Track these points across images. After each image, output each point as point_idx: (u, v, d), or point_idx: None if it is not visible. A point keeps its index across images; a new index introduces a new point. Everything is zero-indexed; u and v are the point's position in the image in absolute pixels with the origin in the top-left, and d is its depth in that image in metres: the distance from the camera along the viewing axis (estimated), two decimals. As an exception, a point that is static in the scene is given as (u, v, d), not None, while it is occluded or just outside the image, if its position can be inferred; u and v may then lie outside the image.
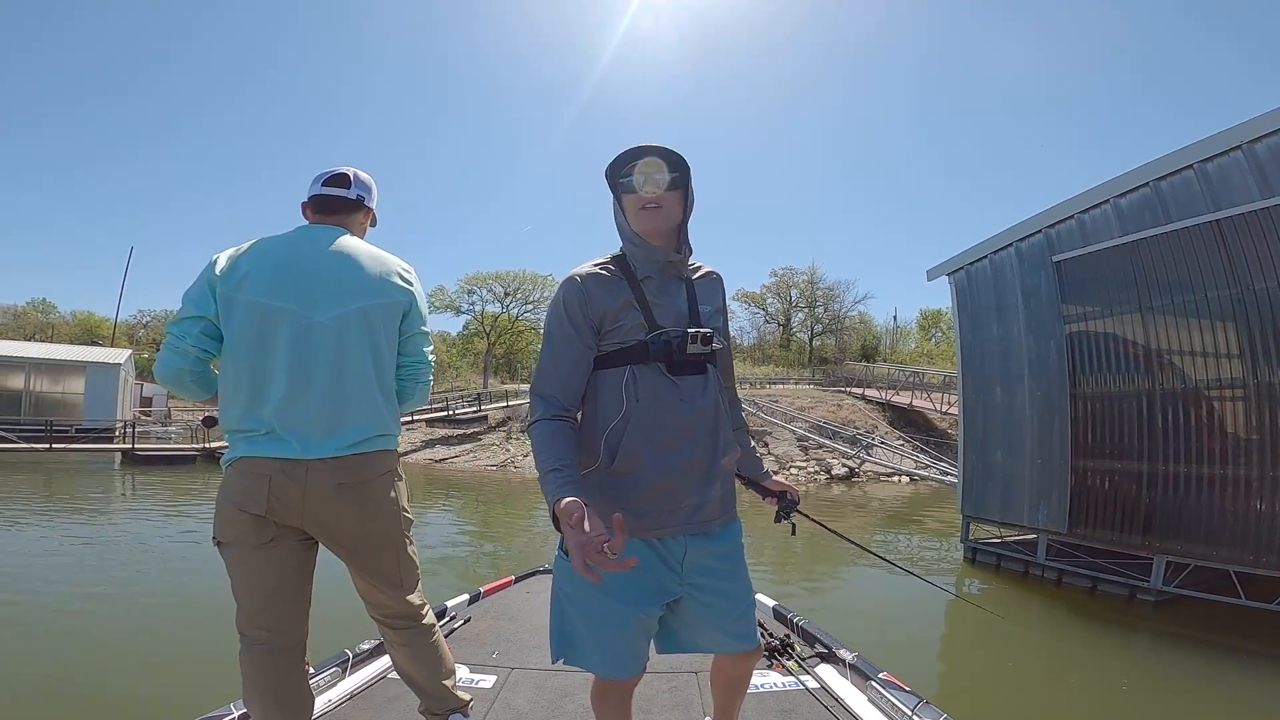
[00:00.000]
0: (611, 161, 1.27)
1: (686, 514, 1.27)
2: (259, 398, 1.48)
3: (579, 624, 1.29)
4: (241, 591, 1.50)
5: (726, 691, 1.55)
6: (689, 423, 1.26)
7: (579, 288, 1.24)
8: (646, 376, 1.24)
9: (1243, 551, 5.51)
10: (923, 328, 41.33)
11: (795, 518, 1.56)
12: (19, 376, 20.82)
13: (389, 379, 1.62)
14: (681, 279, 1.33)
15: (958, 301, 8.68)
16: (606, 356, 1.26)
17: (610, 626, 1.26)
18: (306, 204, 1.69)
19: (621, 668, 1.29)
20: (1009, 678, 4.94)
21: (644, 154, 1.24)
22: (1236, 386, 5.73)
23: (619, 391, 1.24)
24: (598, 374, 1.27)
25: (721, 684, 1.55)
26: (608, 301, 1.24)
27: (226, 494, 1.48)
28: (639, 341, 1.24)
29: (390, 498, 1.60)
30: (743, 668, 1.47)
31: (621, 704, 1.38)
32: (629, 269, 1.28)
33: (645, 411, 1.23)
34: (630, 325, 1.24)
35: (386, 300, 1.59)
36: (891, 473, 17.17)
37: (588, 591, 1.23)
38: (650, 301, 1.26)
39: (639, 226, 1.27)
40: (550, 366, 1.25)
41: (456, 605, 3.03)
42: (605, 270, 1.27)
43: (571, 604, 1.30)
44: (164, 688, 3.90)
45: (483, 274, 38.91)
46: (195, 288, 1.52)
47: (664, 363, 1.24)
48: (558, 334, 1.25)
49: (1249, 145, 5.37)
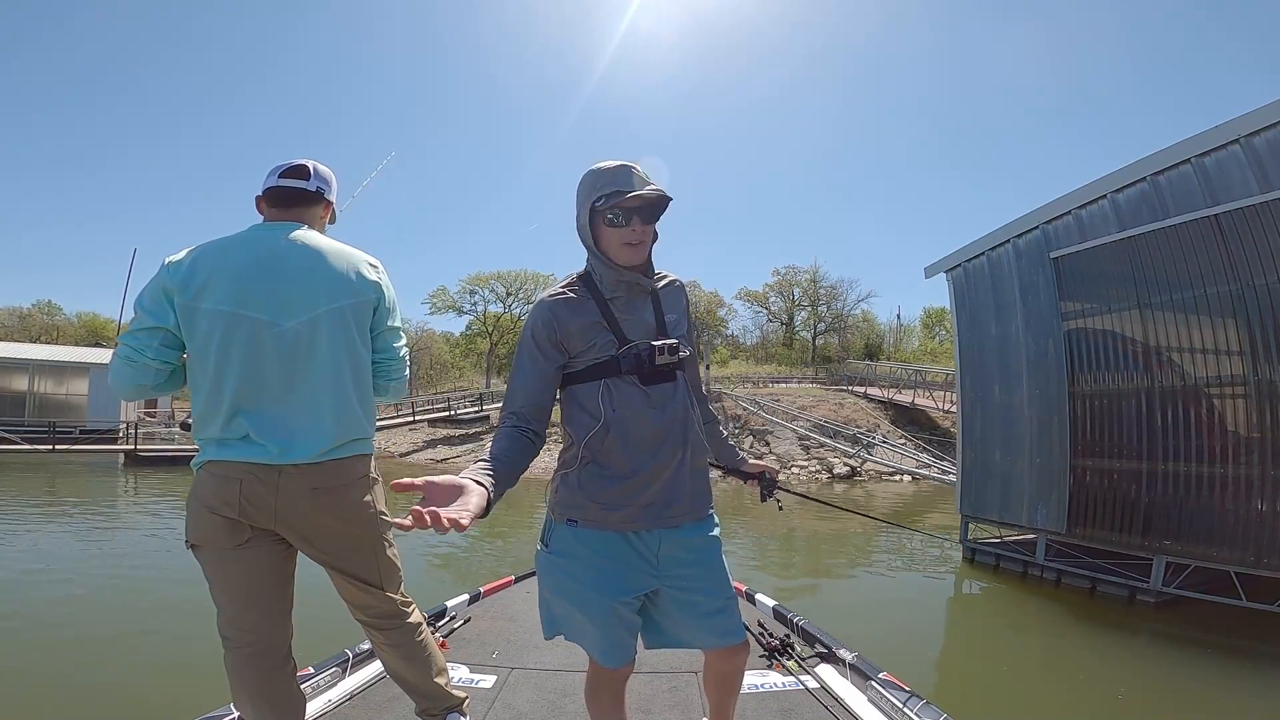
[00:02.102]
0: (594, 180, 1.29)
1: (658, 509, 1.34)
2: (230, 405, 1.44)
3: (562, 612, 1.39)
4: (220, 595, 1.48)
5: (719, 690, 1.57)
6: (660, 428, 1.33)
7: (547, 314, 1.32)
8: (620, 388, 1.32)
9: (1244, 552, 5.42)
10: (926, 326, 41.13)
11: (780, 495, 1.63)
12: (23, 378, 20.99)
13: (364, 380, 1.59)
14: (646, 293, 1.39)
15: (956, 299, 8.60)
16: (581, 373, 1.33)
17: (589, 614, 1.34)
18: (262, 197, 1.63)
19: (605, 655, 1.37)
20: (1009, 678, 4.90)
21: (635, 189, 1.26)
22: (1237, 384, 5.64)
23: (596, 403, 1.31)
24: (575, 389, 1.35)
25: (713, 682, 1.57)
26: (575, 324, 1.32)
27: (198, 496, 1.46)
28: (610, 357, 1.32)
29: (366, 501, 1.58)
30: (730, 664, 1.49)
31: (614, 700, 1.44)
32: (596, 288, 1.35)
33: (620, 420, 1.31)
34: (601, 343, 1.32)
35: (357, 299, 1.56)
36: (893, 472, 17.08)
37: (567, 582, 1.35)
38: (619, 318, 1.34)
39: (623, 259, 1.32)
40: (519, 386, 1.33)
41: (456, 605, 3.05)
42: (573, 293, 1.35)
43: (553, 593, 1.39)
44: (164, 688, 3.92)
45: (484, 274, 39.03)
46: (149, 296, 1.45)
47: (636, 375, 1.31)
48: (526, 356, 1.34)
49: (1247, 139, 5.29)
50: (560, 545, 1.37)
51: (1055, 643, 5.64)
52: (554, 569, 1.37)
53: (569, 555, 1.35)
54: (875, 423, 20.65)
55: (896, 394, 22.64)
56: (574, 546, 1.35)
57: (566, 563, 1.35)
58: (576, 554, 1.35)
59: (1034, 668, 5.10)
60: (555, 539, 1.38)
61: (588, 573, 1.32)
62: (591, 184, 1.30)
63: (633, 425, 1.31)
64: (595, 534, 1.34)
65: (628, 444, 1.31)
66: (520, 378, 1.33)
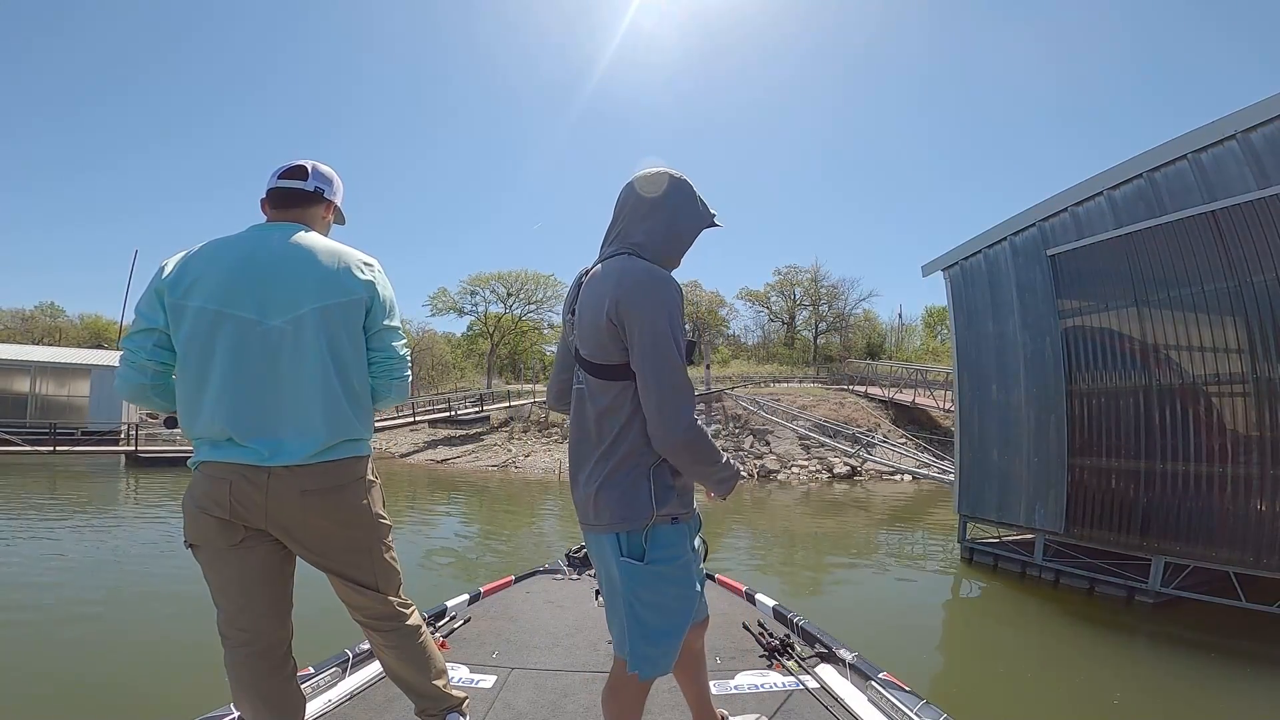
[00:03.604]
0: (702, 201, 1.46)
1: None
2: (216, 405, 1.44)
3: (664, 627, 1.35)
4: (218, 594, 1.49)
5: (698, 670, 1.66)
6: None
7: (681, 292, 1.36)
8: None
9: (1243, 552, 5.35)
10: (928, 325, 41.00)
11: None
12: (24, 379, 21.04)
13: (355, 380, 1.56)
14: None
15: (953, 298, 8.53)
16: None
17: (689, 617, 1.38)
18: (264, 199, 1.64)
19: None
20: (1008, 677, 4.86)
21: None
22: (1236, 382, 5.57)
23: None
24: None
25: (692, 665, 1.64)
26: None
27: (191, 496, 1.47)
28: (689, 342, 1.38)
29: (363, 505, 1.56)
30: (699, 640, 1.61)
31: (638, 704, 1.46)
32: None
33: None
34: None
35: (346, 298, 1.53)
36: (893, 471, 17.01)
37: (684, 590, 1.36)
38: None
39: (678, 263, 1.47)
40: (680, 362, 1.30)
41: (456, 605, 3.06)
42: None
43: (647, 609, 1.33)
44: (165, 688, 3.92)
45: (485, 274, 39.04)
46: (144, 299, 1.48)
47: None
48: (679, 325, 1.30)
49: (1244, 134, 5.22)
50: (670, 549, 1.32)
51: (1053, 644, 5.59)
52: (673, 578, 1.33)
53: (681, 558, 1.34)
54: (876, 422, 20.57)
55: (897, 393, 22.55)
56: (684, 545, 1.35)
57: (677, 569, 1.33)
58: (687, 554, 1.35)
59: (1032, 669, 5.05)
60: (660, 543, 1.31)
61: (694, 573, 1.36)
62: (703, 202, 1.45)
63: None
64: (687, 528, 1.37)
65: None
66: (681, 343, 1.29)
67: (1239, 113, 5.28)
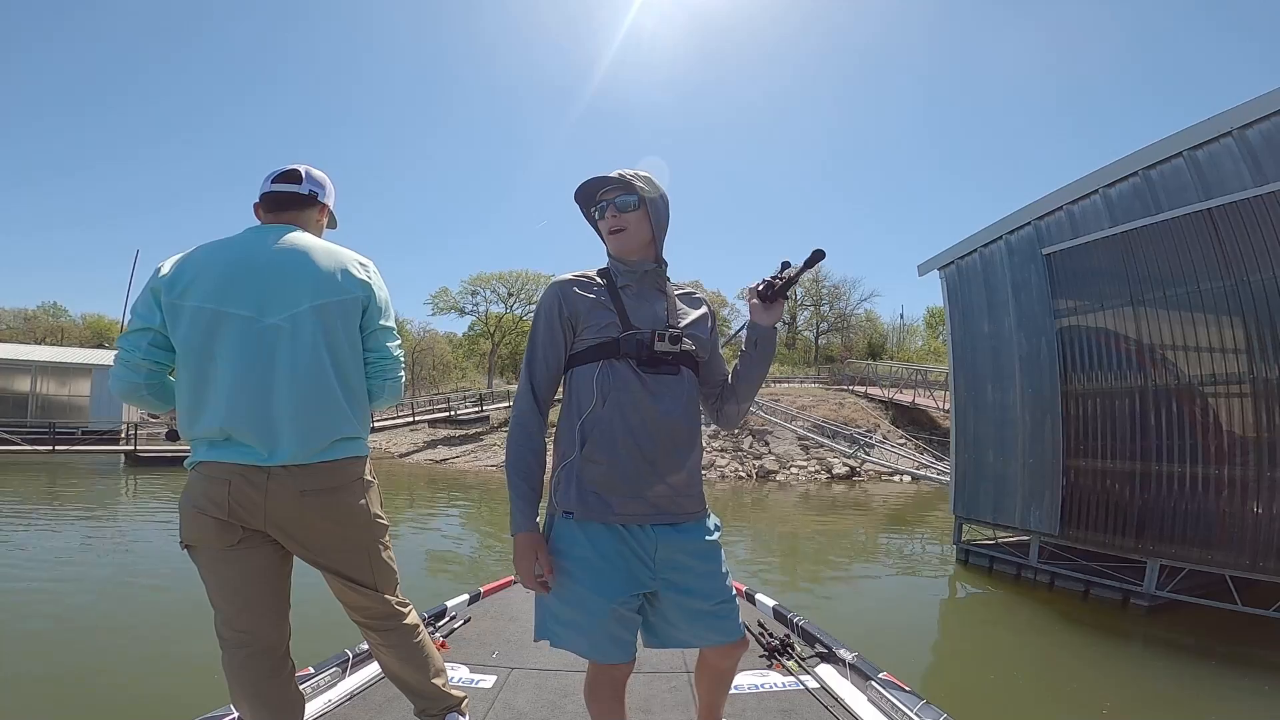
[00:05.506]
0: (579, 193, 1.47)
1: (650, 503, 1.35)
2: (213, 405, 1.44)
3: (560, 611, 1.36)
4: (215, 595, 1.49)
5: (714, 687, 1.59)
6: (657, 418, 1.34)
7: (558, 291, 1.40)
8: (618, 371, 1.35)
9: (1239, 556, 5.28)
10: (929, 325, 40.88)
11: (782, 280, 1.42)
12: (25, 379, 21.12)
13: (353, 379, 1.57)
14: (661, 290, 1.45)
15: (949, 297, 8.47)
16: (583, 353, 1.37)
17: (589, 614, 1.33)
18: (258, 204, 1.66)
19: (602, 652, 1.35)
20: (1008, 677, 4.81)
21: (604, 184, 1.42)
22: (1233, 383, 5.49)
23: (591, 385, 1.35)
24: (576, 370, 1.39)
25: (708, 679, 1.58)
26: (584, 302, 1.38)
27: (189, 496, 1.46)
28: (611, 339, 1.35)
29: (361, 505, 1.57)
30: (729, 659, 1.51)
31: (614, 697, 1.41)
32: (610, 277, 1.43)
33: (615, 404, 1.33)
34: (604, 323, 1.36)
35: (342, 297, 1.54)
36: (892, 472, 16.94)
37: (566, 583, 1.34)
38: (626, 304, 1.39)
39: (611, 248, 1.45)
40: (539, 356, 1.40)
41: (456, 605, 3.06)
42: (586, 277, 1.43)
43: (552, 594, 1.38)
44: (164, 688, 3.92)
45: (486, 275, 39.14)
46: (141, 299, 1.49)
47: (634, 359, 1.35)
48: (542, 328, 1.40)
49: (1240, 131, 5.15)
50: (559, 541, 1.36)
51: (1049, 647, 5.51)
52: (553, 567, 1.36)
53: (569, 552, 1.35)
54: (875, 423, 20.48)
55: (897, 394, 22.47)
56: (573, 541, 1.35)
57: (567, 561, 1.34)
58: (576, 550, 1.34)
59: (1028, 671, 5.00)
60: (554, 534, 1.38)
61: (586, 571, 1.32)
62: (582, 197, 1.47)
63: (629, 410, 1.33)
64: (595, 527, 1.34)
65: (620, 431, 1.32)
66: (539, 349, 1.40)
67: (1235, 109, 5.21)
